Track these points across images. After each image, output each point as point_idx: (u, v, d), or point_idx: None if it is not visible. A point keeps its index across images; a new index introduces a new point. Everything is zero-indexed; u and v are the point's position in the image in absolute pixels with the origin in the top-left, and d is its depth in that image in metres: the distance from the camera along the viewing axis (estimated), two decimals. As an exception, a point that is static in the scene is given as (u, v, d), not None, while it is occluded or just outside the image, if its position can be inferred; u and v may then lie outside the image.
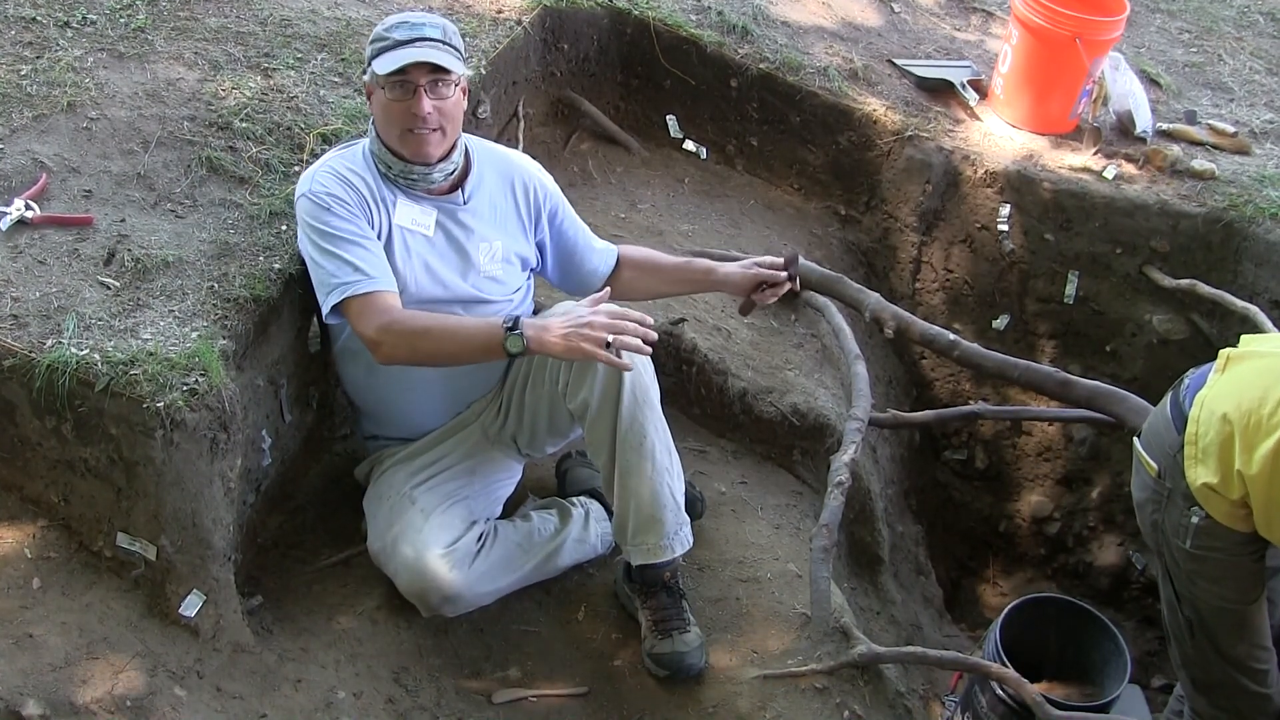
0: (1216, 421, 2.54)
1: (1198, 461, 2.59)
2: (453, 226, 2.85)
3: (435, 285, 2.84)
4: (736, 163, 4.61)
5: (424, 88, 2.67)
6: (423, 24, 2.71)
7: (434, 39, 2.69)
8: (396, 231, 2.79)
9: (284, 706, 2.62)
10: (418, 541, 2.80)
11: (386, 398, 2.98)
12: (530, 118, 4.26)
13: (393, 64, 2.64)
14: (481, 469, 3.02)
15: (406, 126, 2.70)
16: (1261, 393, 2.48)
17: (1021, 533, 4.65)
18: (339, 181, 2.74)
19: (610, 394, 2.75)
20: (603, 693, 2.90)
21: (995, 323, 4.45)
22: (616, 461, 2.80)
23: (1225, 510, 2.58)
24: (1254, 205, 4.10)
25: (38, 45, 3.41)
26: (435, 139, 2.73)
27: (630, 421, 2.76)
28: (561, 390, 2.84)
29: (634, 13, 4.45)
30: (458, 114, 2.77)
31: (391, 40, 2.68)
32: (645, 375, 2.80)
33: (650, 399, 2.80)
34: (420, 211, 2.82)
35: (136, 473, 2.54)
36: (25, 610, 2.50)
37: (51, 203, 2.92)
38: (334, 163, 2.79)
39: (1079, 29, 4.23)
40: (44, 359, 2.50)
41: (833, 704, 2.81)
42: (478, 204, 2.89)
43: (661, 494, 2.82)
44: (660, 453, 2.82)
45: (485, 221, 2.90)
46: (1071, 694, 3.22)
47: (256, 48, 3.63)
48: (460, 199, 2.87)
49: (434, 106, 2.69)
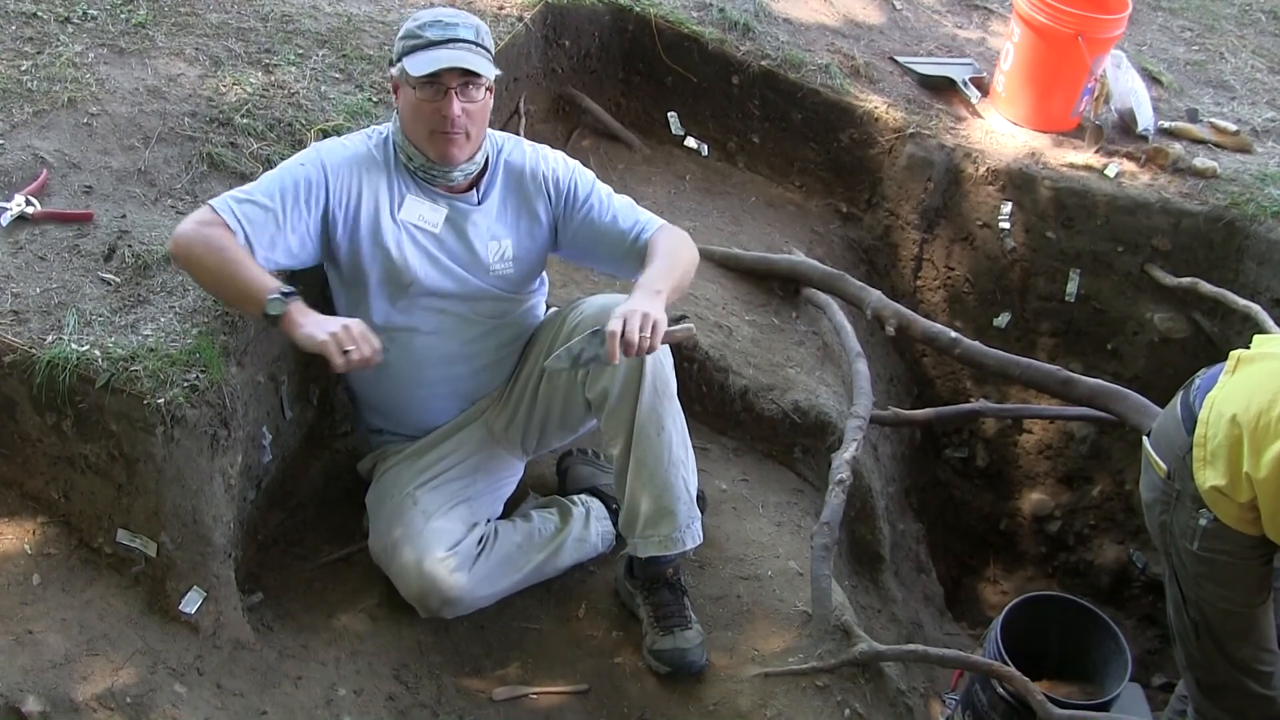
0: (1225, 424, 2.53)
1: (1206, 464, 2.58)
2: (464, 224, 2.84)
3: (445, 279, 2.83)
4: (738, 160, 4.60)
5: (455, 90, 2.65)
6: (456, 23, 2.68)
7: (467, 40, 2.66)
8: (399, 226, 2.78)
9: (284, 704, 2.62)
10: (419, 544, 2.80)
11: (393, 395, 2.97)
12: (531, 114, 4.26)
13: (426, 66, 2.62)
14: (485, 467, 3.01)
15: (435, 128, 2.69)
16: (1271, 395, 2.47)
17: (1022, 531, 4.65)
18: (350, 168, 2.74)
19: (631, 383, 2.76)
20: (603, 690, 2.90)
21: (996, 321, 4.45)
22: (633, 451, 2.80)
23: (1234, 513, 2.57)
24: (1256, 204, 4.10)
25: (38, 41, 3.41)
26: (461, 141, 2.72)
27: (650, 411, 2.77)
28: (581, 379, 2.84)
29: (635, 9, 4.44)
30: (485, 116, 2.76)
31: (425, 39, 2.65)
32: (666, 368, 2.80)
33: (670, 391, 2.82)
34: (430, 208, 2.81)
35: (137, 469, 2.54)
36: (25, 607, 2.50)
37: (52, 198, 2.91)
38: (360, 145, 2.79)
39: (1081, 27, 4.23)
40: (44, 355, 2.49)
41: (834, 702, 2.81)
42: (491, 203, 2.88)
43: (676, 485, 2.82)
44: (677, 445, 2.83)
45: (496, 220, 2.88)
46: (1072, 692, 3.21)
47: (257, 44, 3.62)
48: (474, 198, 2.85)
49: (463, 109, 2.67)
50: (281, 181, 2.68)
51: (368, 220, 2.76)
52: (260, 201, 2.63)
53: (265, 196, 2.64)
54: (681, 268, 2.83)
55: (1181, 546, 2.72)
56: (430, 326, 2.87)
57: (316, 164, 2.72)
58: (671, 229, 2.94)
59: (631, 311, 2.53)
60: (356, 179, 2.75)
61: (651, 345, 2.55)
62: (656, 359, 2.77)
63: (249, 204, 2.61)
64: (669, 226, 2.95)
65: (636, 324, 2.51)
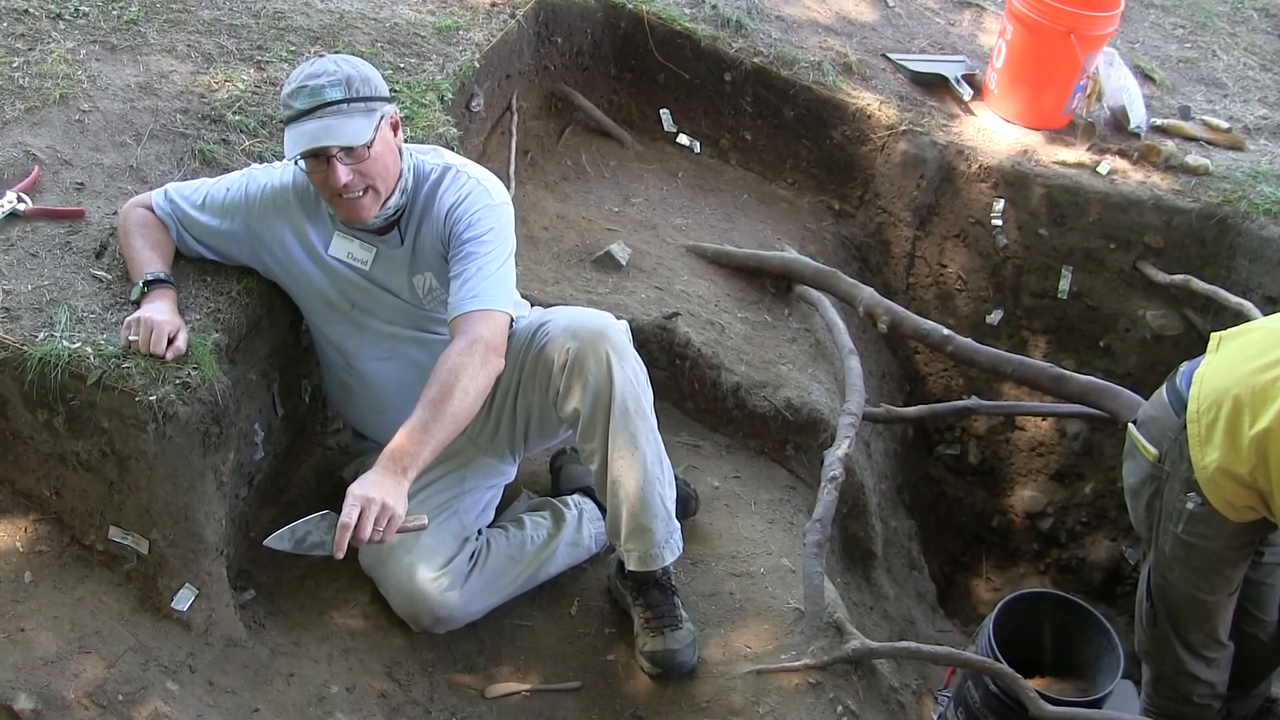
0: (1219, 396, 2.57)
1: (1203, 440, 2.61)
2: (391, 261, 2.78)
3: (384, 308, 2.81)
4: (730, 157, 4.60)
5: (336, 159, 2.54)
6: (323, 86, 2.52)
7: (335, 101, 2.53)
8: (328, 262, 2.77)
9: (276, 701, 2.62)
10: (409, 562, 2.78)
11: (363, 415, 2.98)
12: (524, 111, 4.25)
13: (294, 146, 2.54)
14: (472, 475, 2.97)
15: (333, 194, 2.61)
16: (1261, 358, 2.53)
17: (1014, 528, 4.66)
18: (274, 206, 2.76)
19: (601, 404, 2.70)
20: (595, 687, 2.90)
21: (989, 318, 4.46)
22: (608, 471, 2.76)
23: (1228, 493, 2.60)
24: (1248, 201, 4.11)
25: (30, 37, 3.40)
26: (366, 201, 2.62)
27: (621, 432, 2.72)
28: (552, 399, 2.80)
29: (628, 6, 4.44)
30: (384, 167, 2.62)
31: (295, 110, 2.54)
32: (637, 384, 2.74)
33: (642, 408, 2.75)
34: (359, 246, 2.77)
35: (129, 466, 2.53)
36: (17, 604, 2.49)
37: (43, 195, 2.91)
38: (287, 180, 2.77)
39: (1074, 24, 4.23)
40: (36, 352, 2.49)
41: (826, 699, 2.81)
42: (412, 241, 2.78)
43: (652, 503, 2.78)
44: (651, 462, 2.77)
45: (419, 255, 2.78)
46: (1065, 689, 3.21)
47: (249, 40, 3.62)
48: (396, 239, 2.77)
49: (353, 172, 2.56)
50: (226, 196, 2.78)
51: (299, 255, 2.77)
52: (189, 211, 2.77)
53: (192, 207, 2.78)
54: (451, 408, 2.48)
55: (1165, 528, 2.77)
56: (383, 352, 2.85)
57: (240, 199, 2.77)
58: (473, 341, 2.57)
59: (370, 501, 2.35)
60: (282, 216, 2.76)
61: (381, 539, 2.39)
62: (625, 380, 2.69)
63: (178, 206, 2.78)
64: (477, 330, 2.58)
65: (370, 520, 2.34)
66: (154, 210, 2.78)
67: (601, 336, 2.71)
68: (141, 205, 2.78)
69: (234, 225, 2.76)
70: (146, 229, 2.75)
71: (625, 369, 2.70)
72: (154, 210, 2.78)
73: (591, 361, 2.68)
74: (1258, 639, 3.05)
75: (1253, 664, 3.09)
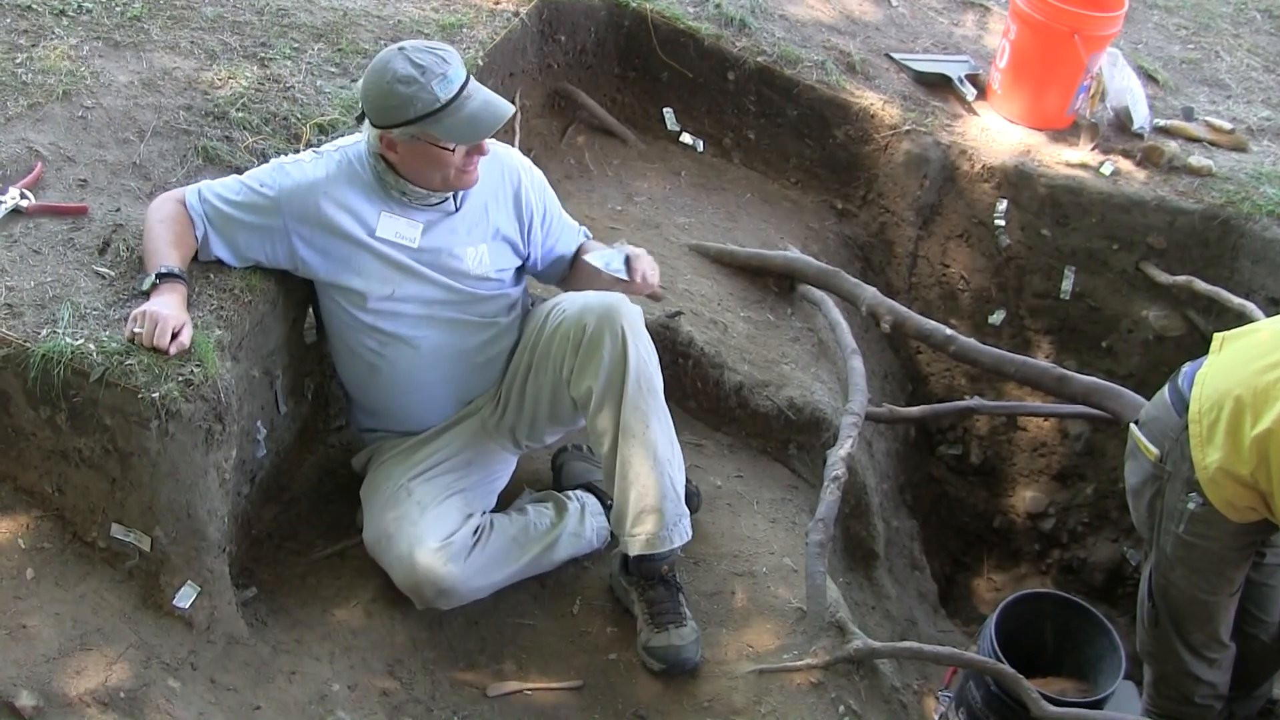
0: (1220, 397, 2.57)
1: (1205, 440, 2.61)
2: (442, 232, 2.83)
3: (427, 287, 2.84)
4: (733, 156, 4.60)
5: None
6: (447, 66, 2.63)
7: (466, 77, 2.66)
8: (374, 245, 2.78)
9: (278, 699, 2.62)
10: (413, 535, 2.80)
11: (388, 398, 2.97)
12: (527, 109, 4.25)
13: (473, 134, 2.65)
14: (479, 460, 3.01)
15: (460, 169, 2.71)
16: (1264, 359, 2.53)
17: (1016, 528, 4.65)
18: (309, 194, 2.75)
19: (615, 382, 2.76)
20: (597, 686, 2.90)
21: (991, 318, 4.45)
22: (619, 451, 2.80)
23: (1229, 493, 2.61)
24: (1251, 202, 4.11)
25: (33, 33, 3.40)
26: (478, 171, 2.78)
27: (634, 410, 2.77)
28: (566, 378, 2.84)
29: (631, 5, 4.44)
30: None
31: (440, 100, 2.61)
32: (650, 366, 2.81)
33: (655, 388, 2.82)
34: (407, 224, 2.80)
35: (131, 463, 2.53)
36: (19, 601, 2.49)
37: (46, 192, 2.90)
38: (321, 170, 2.78)
39: (1077, 24, 4.23)
40: (39, 349, 2.49)
41: (828, 698, 2.81)
42: (467, 210, 2.87)
43: (663, 483, 2.81)
44: (663, 443, 2.82)
45: (474, 225, 2.88)
46: (1066, 689, 3.21)
47: (253, 37, 3.61)
48: (452, 206, 2.85)
49: None
50: (257, 194, 2.76)
51: (343, 241, 2.77)
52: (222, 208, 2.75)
53: (226, 205, 2.75)
54: None
55: (1166, 528, 2.78)
56: (419, 332, 2.87)
57: (275, 193, 2.75)
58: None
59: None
60: (324, 204, 2.75)
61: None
62: (639, 358, 2.78)
63: (211, 204, 2.75)
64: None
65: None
66: (186, 207, 2.74)
67: (618, 314, 2.80)
68: (173, 200, 2.77)
69: (270, 220, 2.75)
70: (172, 223, 2.72)
71: (640, 347, 2.78)
72: (186, 207, 2.74)
73: (608, 338, 2.76)
74: (1259, 640, 3.05)
75: (1254, 665, 3.09)
